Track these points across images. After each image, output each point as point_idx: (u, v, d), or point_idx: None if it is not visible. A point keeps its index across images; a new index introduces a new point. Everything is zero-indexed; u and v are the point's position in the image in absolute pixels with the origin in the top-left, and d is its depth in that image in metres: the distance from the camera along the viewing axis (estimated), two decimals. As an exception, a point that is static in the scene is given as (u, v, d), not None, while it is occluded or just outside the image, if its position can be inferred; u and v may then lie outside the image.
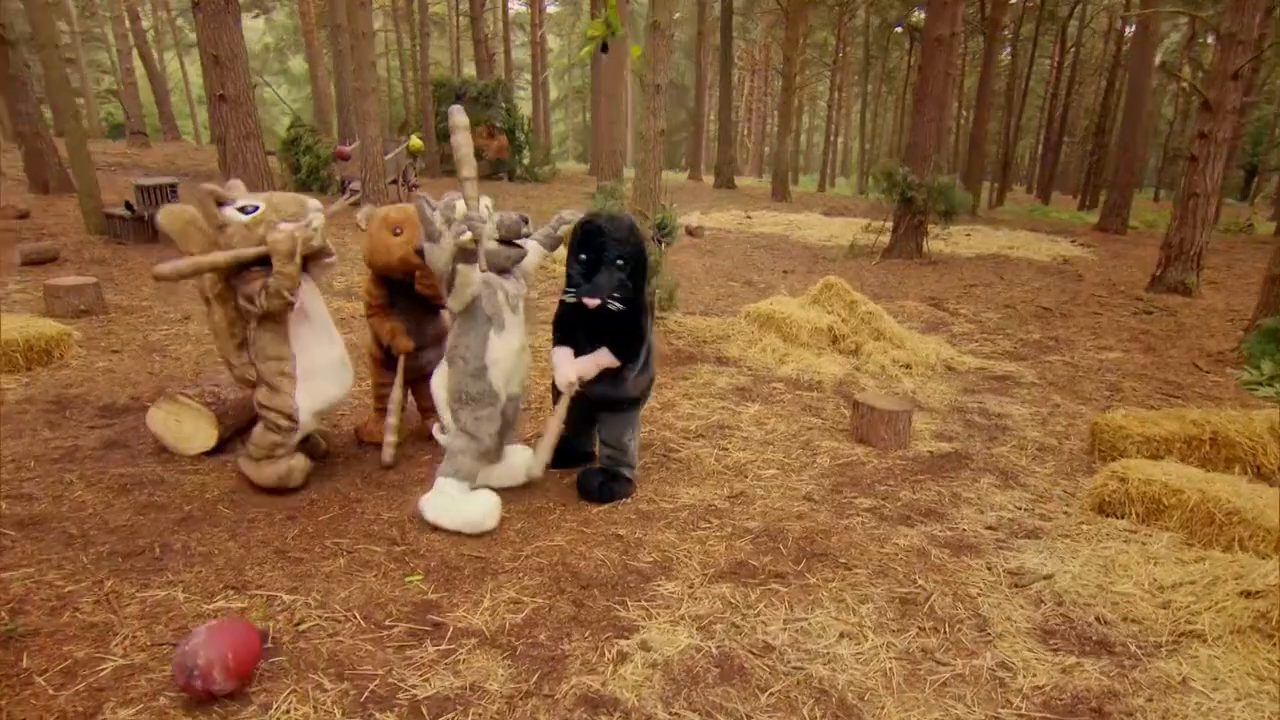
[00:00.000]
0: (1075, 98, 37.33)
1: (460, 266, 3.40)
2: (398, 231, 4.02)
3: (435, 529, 3.56)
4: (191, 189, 3.48)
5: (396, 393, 4.25)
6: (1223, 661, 2.82)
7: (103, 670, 2.50)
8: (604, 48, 4.18)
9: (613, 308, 3.58)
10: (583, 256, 3.61)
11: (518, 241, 3.59)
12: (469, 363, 3.57)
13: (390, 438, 4.16)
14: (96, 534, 3.32)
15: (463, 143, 3.55)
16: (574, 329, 3.78)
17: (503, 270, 3.62)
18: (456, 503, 3.55)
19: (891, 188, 12.01)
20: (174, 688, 2.43)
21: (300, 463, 3.77)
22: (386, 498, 3.87)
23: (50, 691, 2.39)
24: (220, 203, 3.53)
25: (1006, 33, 30.77)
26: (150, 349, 5.97)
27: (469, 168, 3.55)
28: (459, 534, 3.52)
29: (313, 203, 3.73)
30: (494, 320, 3.56)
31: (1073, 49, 33.63)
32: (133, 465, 3.97)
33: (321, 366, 3.75)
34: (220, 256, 3.44)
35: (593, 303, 3.57)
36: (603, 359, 3.72)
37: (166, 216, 3.60)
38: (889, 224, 12.95)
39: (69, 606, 2.82)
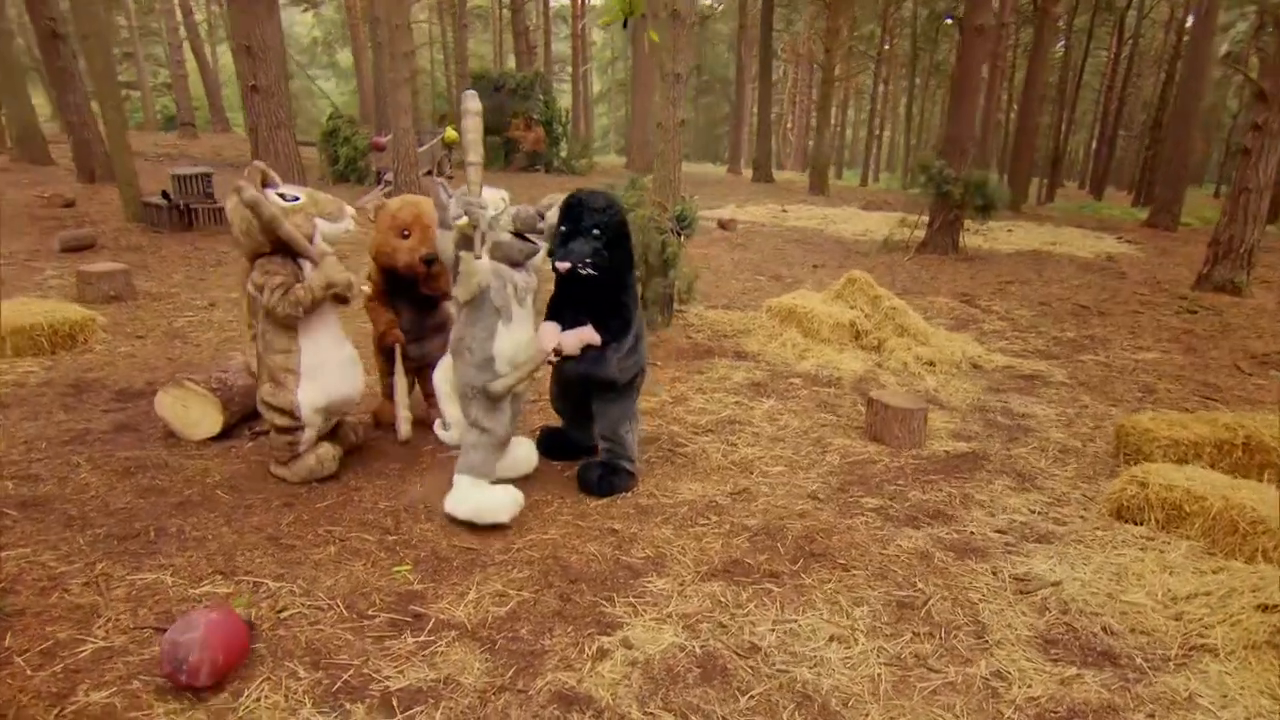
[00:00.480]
0: (1133, 91, 36.13)
1: (461, 254, 3.36)
2: (405, 234, 4.01)
3: (430, 519, 3.55)
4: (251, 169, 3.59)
5: (400, 382, 4.28)
6: (1234, 678, 2.68)
7: (82, 652, 2.52)
8: (624, 23, 4.17)
9: (583, 272, 3.58)
10: (563, 228, 3.64)
11: (531, 236, 3.55)
12: (475, 354, 3.53)
13: (403, 412, 4.28)
14: (96, 516, 3.36)
15: (471, 128, 3.50)
16: (563, 307, 3.78)
17: (515, 263, 3.58)
18: (472, 494, 3.51)
19: (927, 181, 11.74)
20: (149, 671, 2.44)
21: (327, 450, 3.79)
22: (386, 486, 3.87)
23: (28, 671, 2.41)
24: (266, 183, 3.62)
25: (1061, 24, 29.91)
26: (173, 335, 6.07)
27: (475, 153, 3.50)
28: (453, 525, 3.49)
29: (350, 209, 3.84)
30: (502, 312, 3.51)
31: (1130, 40, 32.52)
32: (139, 449, 4.02)
33: (328, 364, 3.75)
34: (283, 224, 3.50)
35: (563, 266, 3.58)
36: (585, 334, 3.70)
37: (232, 202, 3.72)
38: (925, 218, 12.68)
39: (59, 587, 2.85)
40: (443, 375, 3.81)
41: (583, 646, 2.74)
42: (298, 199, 3.64)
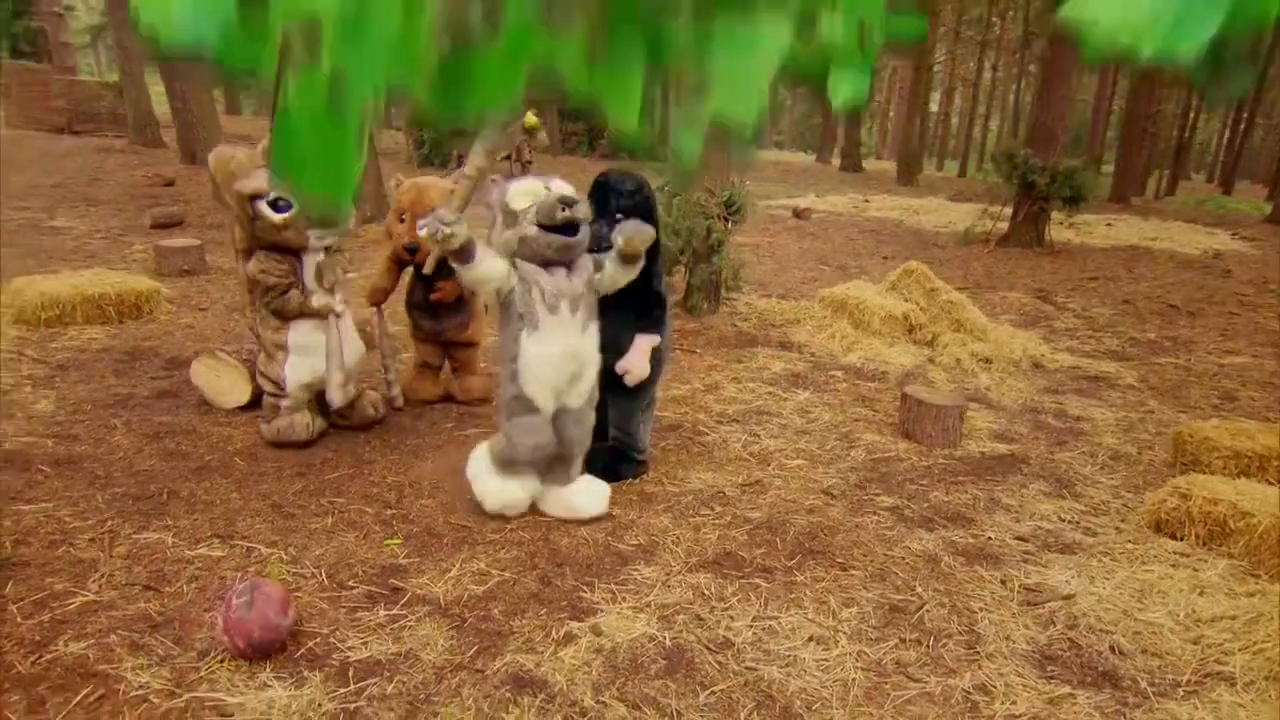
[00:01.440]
0: (1276, 73, 33.20)
1: (454, 266, 3.18)
2: (402, 218, 4.06)
3: (432, 495, 3.59)
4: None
5: (384, 347, 4.43)
6: (1248, 711, 2.44)
7: (71, 604, 2.65)
8: None
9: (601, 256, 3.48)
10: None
11: (574, 224, 3.19)
12: (503, 365, 3.35)
13: (395, 390, 4.45)
14: (119, 476, 3.53)
15: (485, 138, 3.39)
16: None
17: (549, 262, 3.24)
18: (488, 479, 3.43)
19: (1011, 171, 11.16)
20: (128, 626, 2.55)
21: (302, 418, 3.89)
22: (398, 461, 3.93)
23: (18, 619, 2.55)
24: (256, 196, 3.61)
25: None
26: (233, 308, 6.33)
27: (470, 164, 3.22)
28: (453, 503, 3.52)
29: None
30: (526, 319, 3.21)
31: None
32: (173, 415, 4.21)
33: (317, 343, 3.86)
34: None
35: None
36: (646, 344, 3.62)
37: (215, 158, 3.83)
38: (1009, 210, 12.07)
39: (67, 541, 3.00)
40: None
41: (551, 630, 2.71)
42: (290, 208, 3.61)
